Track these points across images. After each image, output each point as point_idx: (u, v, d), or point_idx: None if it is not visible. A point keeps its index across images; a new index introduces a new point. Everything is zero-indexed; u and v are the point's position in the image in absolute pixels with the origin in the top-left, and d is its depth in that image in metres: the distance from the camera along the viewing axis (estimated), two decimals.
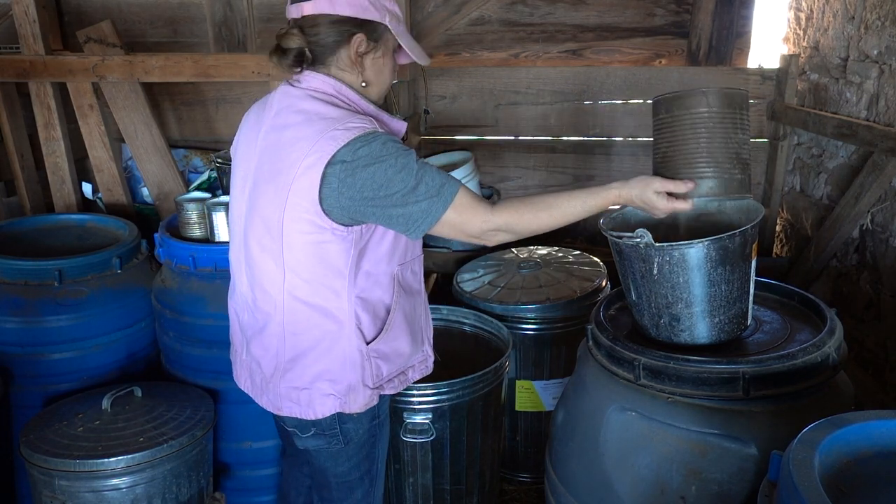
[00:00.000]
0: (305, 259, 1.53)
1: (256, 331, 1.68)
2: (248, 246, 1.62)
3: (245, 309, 1.71)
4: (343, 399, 1.63)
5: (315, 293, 1.56)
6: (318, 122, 1.47)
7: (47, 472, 1.99)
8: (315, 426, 1.69)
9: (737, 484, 1.51)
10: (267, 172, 1.54)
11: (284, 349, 1.63)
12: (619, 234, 1.68)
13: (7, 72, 3.05)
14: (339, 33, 1.52)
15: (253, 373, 1.74)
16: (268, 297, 1.61)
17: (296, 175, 1.46)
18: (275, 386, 1.67)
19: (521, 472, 2.77)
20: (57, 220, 2.87)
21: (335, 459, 1.76)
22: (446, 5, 3.67)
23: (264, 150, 1.55)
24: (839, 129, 2.80)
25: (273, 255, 1.55)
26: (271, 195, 1.52)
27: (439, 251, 3.33)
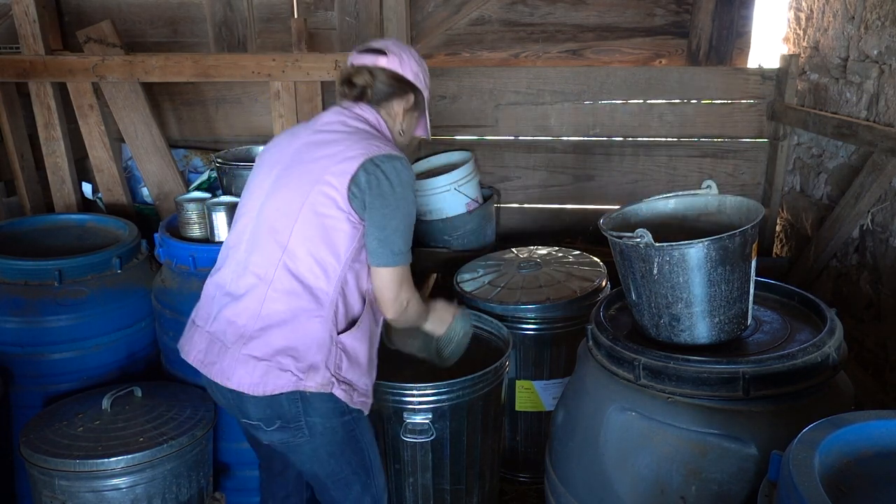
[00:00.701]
0: (313, 234, 1.69)
1: (235, 298, 1.74)
2: (260, 217, 1.76)
3: (231, 279, 1.77)
4: (301, 376, 1.67)
5: (309, 269, 1.69)
6: (364, 134, 1.79)
7: (47, 472, 1.99)
8: (280, 418, 1.72)
9: (737, 484, 1.51)
10: (303, 159, 1.76)
11: (257, 318, 1.70)
12: (619, 234, 1.68)
13: (7, 72, 3.05)
14: (399, 88, 1.88)
15: (212, 342, 1.75)
16: (262, 262, 1.72)
17: (335, 161, 1.70)
18: (233, 353, 1.69)
19: (521, 472, 2.77)
20: (57, 220, 2.87)
21: (317, 457, 1.79)
22: (446, 5, 3.67)
23: (306, 144, 1.79)
24: (839, 129, 2.80)
25: (283, 225, 1.71)
26: (303, 175, 1.73)
27: (439, 251, 3.33)
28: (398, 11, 3.27)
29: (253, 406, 1.72)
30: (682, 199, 1.89)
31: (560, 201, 3.70)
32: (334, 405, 1.74)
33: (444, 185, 3.25)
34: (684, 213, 1.88)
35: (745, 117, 3.45)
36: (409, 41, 3.45)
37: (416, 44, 3.65)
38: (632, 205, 1.90)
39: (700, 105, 3.47)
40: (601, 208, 3.56)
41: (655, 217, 1.88)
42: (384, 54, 1.85)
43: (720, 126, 3.48)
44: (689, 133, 3.51)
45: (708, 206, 1.86)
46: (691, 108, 3.47)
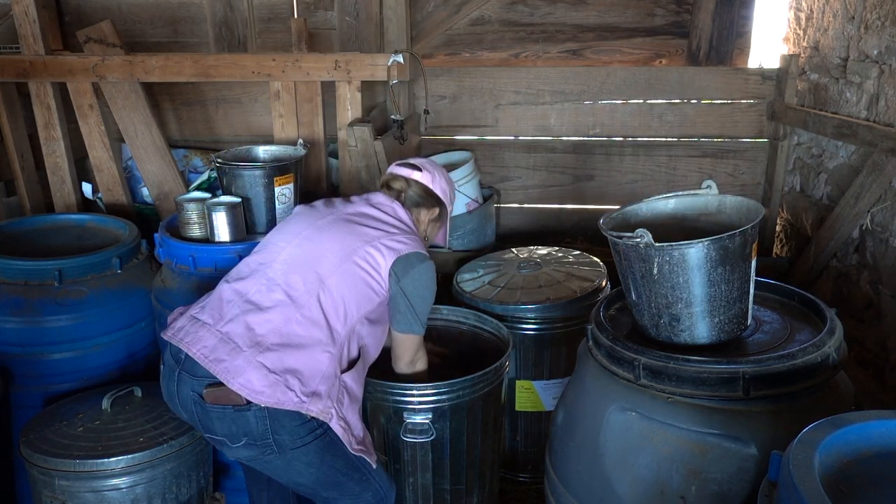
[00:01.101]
0: (350, 282, 1.88)
1: (259, 309, 1.82)
2: (306, 245, 1.93)
3: (257, 290, 1.85)
4: (304, 399, 1.74)
5: (334, 308, 1.85)
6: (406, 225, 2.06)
7: (47, 472, 1.99)
8: (247, 436, 1.74)
9: (737, 484, 1.51)
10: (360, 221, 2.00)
11: (279, 334, 1.78)
12: (619, 234, 1.68)
13: (7, 72, 3.05)
14: (429, 201, 2.15)
15: (224, 342, 1.77)
16: (299, 286, 1.84)
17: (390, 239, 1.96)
18: (247, 357, 1.73)
19: (521, 472, 2.77)
20: (57, 220, 2.87)
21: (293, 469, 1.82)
22: (446, 5, 3.67)
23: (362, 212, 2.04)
24: (839, 129, 2.80)
25: (330, 262, 1.89)
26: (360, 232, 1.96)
27: (439, 251, 3.33)
28: (398, 11, 3.27)
29: (218, 421, 1.74)
30: (682, 199, 1.89)
31: (560, 201, 3.70)
32: (303, 423, 1.76)
33: None
34: (684, 213, 1.88)
35: (745, 117, 3.46)
36: (409, 41, 3.45)
37: (416, 44, 3.66)
38: (632, 205, 1.90)
39: (700, 105, 3.47)
40: (601, 208, 3.56)
41: (655, 217, 1.88)
42: (420, 170, 2.13)
43: (720, 126, 3.49)
44: (689, 133, 3.51)
45: (708, 206, 1.86)
46: (691, 108, 3.48)
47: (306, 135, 3.08)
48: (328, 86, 3.11)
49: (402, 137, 3.09)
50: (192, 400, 1.77)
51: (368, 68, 2.95)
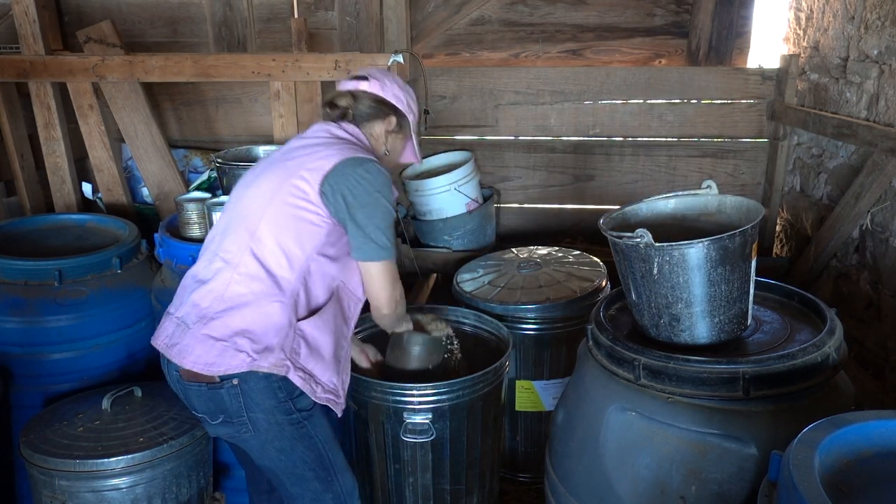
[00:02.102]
0: (283, 223, 1.76)
1: (202, 282, 1.78)
2: (235, 206, 1.85)
3: (203, 267, 1.82)
4: (255, 357, 1.70)
5: (273, 256, 1.75)
6: (347, 143, 1.87)
7: (47, 472, 1.99)
8: (223, 413, 1.75)
9: (737, 484, 1.51)
10: (285, 159, 1.85)
11: (221, 300, 1.74)
12: (619, 234, 1.68)
13: (7, 72, 3.05)
14: (380, 111, 1.96)
15: (178, 325, 1.77)
16: (231, 247, 1.78)
17: (312, 160, 1.79)
18: (193, 333, 1.73)
19: (521, 472, 2.77)
20: (57, 220, 2.87)
21: (266, 453, 1.81)
22: (446, 5, 3.67)
23: (290, 149, 1.90)
24: (839, 129, 2.80)
25: (255, 211, 1.78)
26: (280, 170, 1.82)
27: (439, 251, 3.33)
28: (398, 11, 3.27)
29: (196, 398, 1.77)
30: (682, 199, 1.89)
31: (560, 201, 3.70)
32: (277, 403, 1.75)
33: (444, 185, 3.25)
34: (684, 213, 1.88)
35: (745, 117, 3.45)
36: (409, 41, 3.45)
37: (416, 44, 3.66)
38: (632, 205, 1.90)
39: (700, 105, 3.47)
40: (601, 208, 3.56)
41: (655, 217, 1.88)
42: (366, 79, 1.95)
43: (720, 126, 3.49)
44: (689, 133, 3.51)
45: (708, 206, 1.86)
46: (691, 108, 3.48)
47: None
48: (328, 86, 3.11)
49: None
50: (175, 379, 1.81)
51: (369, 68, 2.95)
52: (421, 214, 3.38)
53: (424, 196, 3.30)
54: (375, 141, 1.97)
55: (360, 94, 1.94)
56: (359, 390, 2.15)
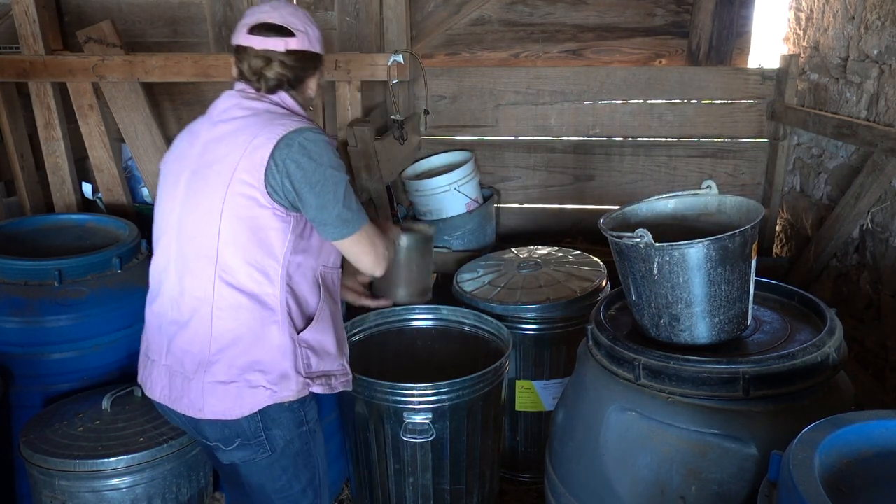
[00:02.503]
0: (243, 239, 1.57)
1: (181, 325, 1.63)
2: (180, 238, 1.64)
3: (171, 307, 1.66)
4: (275, 389, 1.60)
5: (248, 277, 1.58)
6: (266, 114, 1.63)
7: (47, 472, 1.99)
8: (239, 437, 1.64)
9: (737, 484, 1.51)
10: (209, 160, 1.61)
11: (210, 340, 1.60)
12: (619, 234, 1.68)
13: (7, 72, 3.05)
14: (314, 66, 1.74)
15: (173, 375, 1.66)
16: (197, 283, 1.60)
17: (243, 154, 1.56)
18: (197, 384, 1.60)
19: (521, 472, 2.77)
20: (57, 220, 2.87)
21: (270, 473, 1.70)
22: (446, 5, 3.67)
23: (207, 142, 1.64)
24: (839, 129, 2.80)
25: (208, 237, 1.59)
26: (213, 178, 1.59)
27: (439, 251, 3.32)
28: (398, 11, 3.27)
29: (210, 430, 1.66)
30: (682, 199, 1.89)
31: (560, 201, 3.70)
32: (292, 415, 1.68)
33: (444, 185, 3.25)
34: (684, 213, 1.88)
35: (745, 117, 3.45)
36: (409, 41, 3.44)
37: (416, 44, 3.65)
38: (632, 205, 1.90)
39: (700, 105, 3.47)
40: (601, 208, 3.56)
41: (655, 217, 1.88)
42: (292, 35, 1.66)
43: (720, 126, 3.48)
44: (689, 133, 3.51)
45: (708, 206, 1.86)
46: (691, 108, 3.47)
47: None
48: (328, 86, 3.11)
49: (402, 137, 3.09)
50: (183, 419, 1.71)
51: (368, 68, 2.95)
52: (421, 214, 3.38)
53: (424, 196, 3.30)
54: (302, 97, 1.75)
55: (289, 58, 1.66)
56: (359, 390, 2.15)
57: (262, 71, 1.66)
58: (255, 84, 1.68)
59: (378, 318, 2.55)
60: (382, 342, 2.56)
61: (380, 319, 2.56)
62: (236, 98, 1.67)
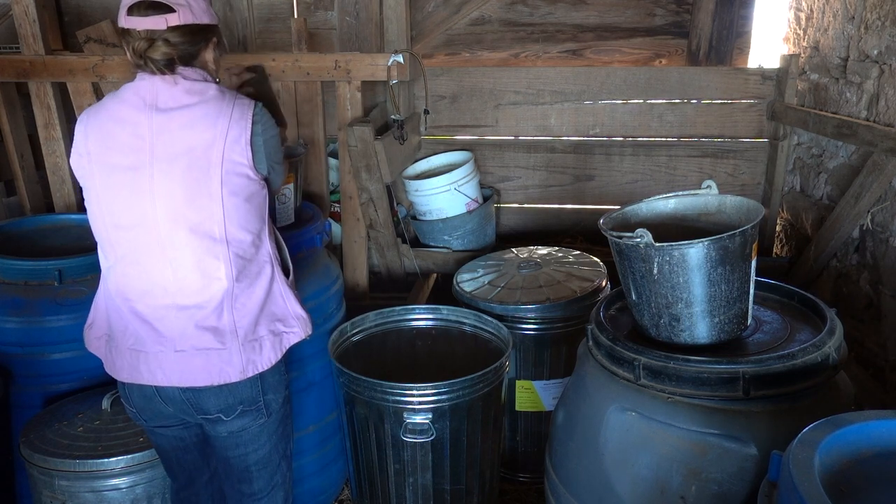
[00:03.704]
0: (244, 213, 1.68)
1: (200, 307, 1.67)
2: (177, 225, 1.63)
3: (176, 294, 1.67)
4: (296, 330, 1.78)
5: (252, 245, 1.72)
6: (218, 93, 1.67)
7: (47, 472, 1.99)
8: (242, 403, 1.73)
9: (737, 484, 1.51)
10: (183, 148, 1.61)
11: (233, 311, 1.70)
12: (619, 234, 1.68)
13: (7, 72, 3.05)
14: (203, 38, 1.69)
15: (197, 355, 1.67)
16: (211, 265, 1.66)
17: (226, 136, 1.62)
18: (236, 349, 1.69)
19: (521, 472, 2.77)
20: (57, 220, 2.87)
21: (259, 440, 1.80)
22: (446, 5, 3.67)
23: (168, 131, 1.62)
24: (839, 129, 2.80)
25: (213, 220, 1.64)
26: (201, 164, 1.61)
27: (439, 251, 3.33)
28: (398, 11, 3.27)
29: (213, 399, 1.71)
30: (682, 199, 1.89)
31: (560, 201, 3.70)
32: (281, 378, 1.81)
33: (444, 185, 3.25)
34: (684, 213, 1.88)
35: (745, 117, 3.45)
36: (409, 41, 3.44)
37: (416, 44, 3.66)
38: (632, 205, 1.90)
39: (700, 105, 3.47)
40: (601, 208, 3.56)
41: (655, 217, 1.88)
42: (172, 10, 1.59)
43: (720, 126, 3.49)
44: (689, 133, 3.51)
45: (708, 206, 1.86)
46: (691, 108, 3.48)
47: (306, 135, 3.08)
48: (328, 86, 3.11)
49: (402, 137, 3.09)
50: (178, 396, 1.72)
51: (368, 68, 2.95)
52: (421, 214, 3.38)
53: (424, 196, 3.30)
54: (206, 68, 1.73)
55: (173, 35, 1.61)
56: (359, 390, 2.15)
57: (147, 53, 1.60)
58: (144, 68, 1.63)
59: (378, 318, 2.55)
60: (382, 342, 2.56)
61: (380, 319, 2.56)
62: (167, 85, 1.64)
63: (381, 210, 3.04)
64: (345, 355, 2.34)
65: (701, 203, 1.87)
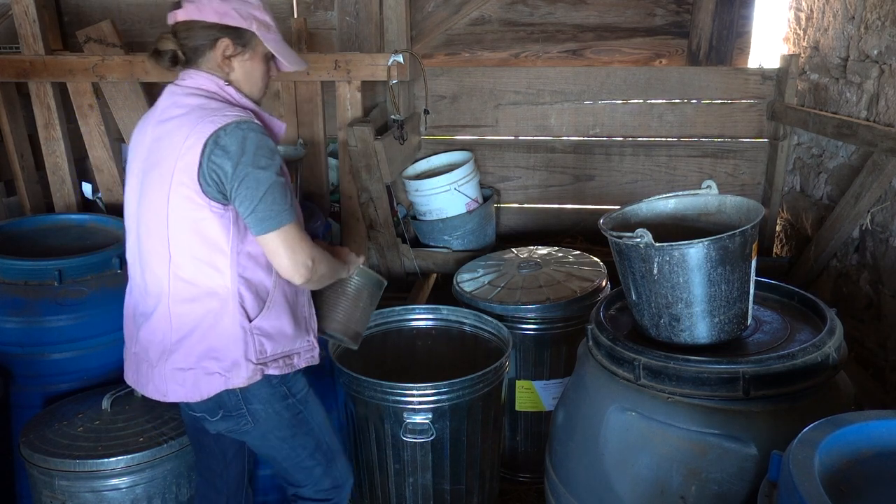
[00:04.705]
0: (188, 238, 1.64)
1: (146, 317, 1.73)
2: (139, 235, 1.73)
3: (139, 298, 1.77)
4: (227, 376, 1.68)
5: (198, 272, 1.65)
6: (199, 111, 1.63)
7: (47, 472, 1.99)
8: (222, 408, 1.73)
9: (737, 484, 1.51)
10: (154, 161, 1.66)
11: (171, 331, 1.69)
12: (619, 234, 1.68)
13: (7, 72, 3.05)
14: (206, 37, 1.68)
15: (139, 362, 1.77)
16: (155, 279, 1.70)
17: (179, 155, 1.60)
18: (160, 371, 1.71)
19: (521, 472, 2.77)
20: (57, 220, 2.87)
21: (269, 443, 1.81)
22: (446, 5, 3.67)
23: (153, 141, 1.69)
24: (839, 129, 2.80)
25: (160, 237, 1.66)
26: (157, 180, 1.65)
27: (439, 251, 3.33)
28: (398, 11, 3.27)
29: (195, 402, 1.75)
30: (682, 199, 1.89)
31: (560, 201, 3.70)
32: (273, 390, 1.75)
33: (444, 185, 3.25)
34: (684, 213, 1.88)
35: (745, 117, 3.45)
36: (409, 41, 3.45)
37: (416, 44, 3.65)
38: (632, 205, 1.90)
39: (700, 105, 3.47)
40: (601, 208, 3.56)
41: (655, 217, 1.88)
42: (178, 6, 1.67)
43: (720, 126, 3.49)
44: (689, 133, 3.51)
45: (708, 206, 1.86)
46: (691, 108, 3.48)
47: (306, 135, 3.08)
48: (328, 86, 3.11)
49: (402, 137, 3.09)
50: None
51: (368, 68, 2.95)
52: (421, 214, 3.38)
53: (424, 196, 3.30)
54: (219, 72, 1.71)
55: (180, 28, 1.66)
56: (359, 390, 2.15)
57: (158, 47, 1.69)
58: (156, 61, 1.71)
59: (378, 318, 2.55)
60: (382, 342, 2.56)
61: (380, 319, 2.56)
62: (174, 96, 1.70)
63: (381, 210, 3.04)
64: (345, 355, 2.34)
65: (701, 203, 1.87)
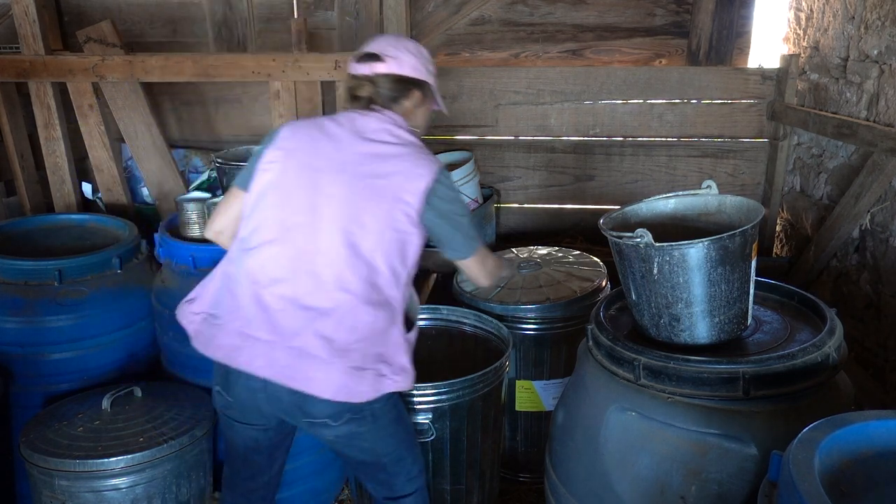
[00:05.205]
0: (393, 249, 1.76)
1: (321, 313, 1.72)
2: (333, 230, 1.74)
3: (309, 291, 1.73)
4: (397, 379, 1.76)
5: (387, 281, 1.77)
6: (414, 147, 1.83)
7: (47, 472, 1.99)
8: (349, 411, 1.75)
9: (737, 484, 1.51)
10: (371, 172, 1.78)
11: (353, 330, 1.73)
12: (619, 234, 1.68)
13: (7, 72, 3.05)
14: (402, 89, 1.88)
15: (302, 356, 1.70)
16: (351, 280, 1.73)
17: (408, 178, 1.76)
18: (336, 366, 1.70)
19: (521, 472, 2.77)
20: (57, 220, 2.87)
21: (380, 440, 1.84)
22: (446, 5, 3.67)
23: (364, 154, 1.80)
24: (839, 129, 2.80)
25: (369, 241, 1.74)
26: (380, 191, 1.76)
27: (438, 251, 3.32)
28: (398, 11, 3.27)
29: (323, 405, 1.73)
30: (682, 199, 1.89)
31: (560, 201, 3.70)
32: None
33: None
34: (684, 213, 1.88)
35: (745, 117, 3.46)
36: None
37: None
38: (632, 205, 1.90)
39: (700, 105, 3.47)
40: (601, 208, 3.56)
41: (655, 217, 1.88)
42: (381, 60, 1.85)
43: (720, 126, 3.49)
44: (689, 133, 3.51)
45: (708, 206, 1.86)
46: (691, 108, 3.48)
47: None
48: (328, 86, 3.11)
49: None
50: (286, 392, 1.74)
51: None
52: None
53: None
54: (407, 118, 1.91)
55: (378, 78, 1.85)
56: None
57: (356, 92, 1.88)
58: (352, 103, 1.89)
59: None
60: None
61: None
62: (381, 122, 1.85)
63: None
64: None
65: (701, 203, 1.87)
